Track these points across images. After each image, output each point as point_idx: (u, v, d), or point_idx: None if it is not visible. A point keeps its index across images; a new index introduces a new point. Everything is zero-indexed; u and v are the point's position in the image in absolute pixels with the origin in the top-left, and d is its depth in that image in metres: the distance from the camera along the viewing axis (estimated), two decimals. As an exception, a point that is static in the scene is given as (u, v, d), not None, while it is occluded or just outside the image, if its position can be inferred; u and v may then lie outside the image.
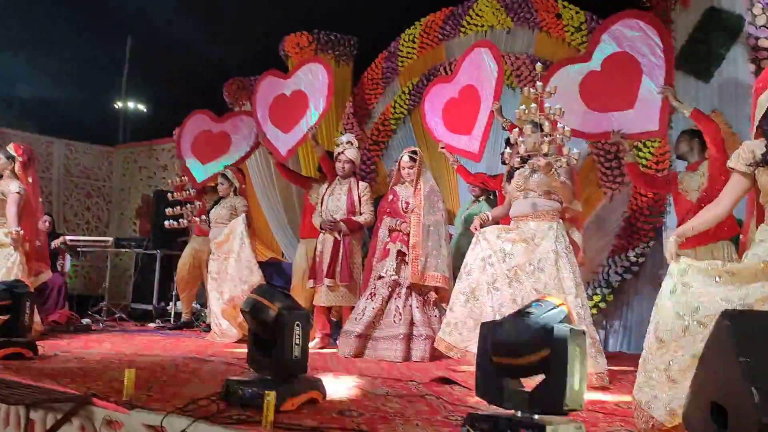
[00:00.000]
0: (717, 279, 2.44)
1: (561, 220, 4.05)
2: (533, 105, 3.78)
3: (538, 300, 2.30)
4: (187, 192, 6.49)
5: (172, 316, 7.20)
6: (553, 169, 3.75)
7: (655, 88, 4.61)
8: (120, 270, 9.27)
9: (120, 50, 11.66)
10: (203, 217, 6.18)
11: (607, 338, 6.05)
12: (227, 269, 5.52)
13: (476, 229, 4.12)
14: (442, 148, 5.48)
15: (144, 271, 7.83)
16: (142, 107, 12.62)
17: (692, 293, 2.45)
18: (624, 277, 5.89)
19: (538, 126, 3.79)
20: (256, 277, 5.35)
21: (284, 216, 7.79)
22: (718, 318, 1.98)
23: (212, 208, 6.17)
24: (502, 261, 3.94)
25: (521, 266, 3.88)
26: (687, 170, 4.63)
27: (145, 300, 7.72)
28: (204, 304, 6.69)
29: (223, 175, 6.17)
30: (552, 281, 3.78)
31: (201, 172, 6.68)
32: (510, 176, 4.23)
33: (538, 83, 3.87)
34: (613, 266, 5.88)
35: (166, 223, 6.34)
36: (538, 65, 4.22)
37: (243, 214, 5.75)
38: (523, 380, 3.11)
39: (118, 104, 12.37)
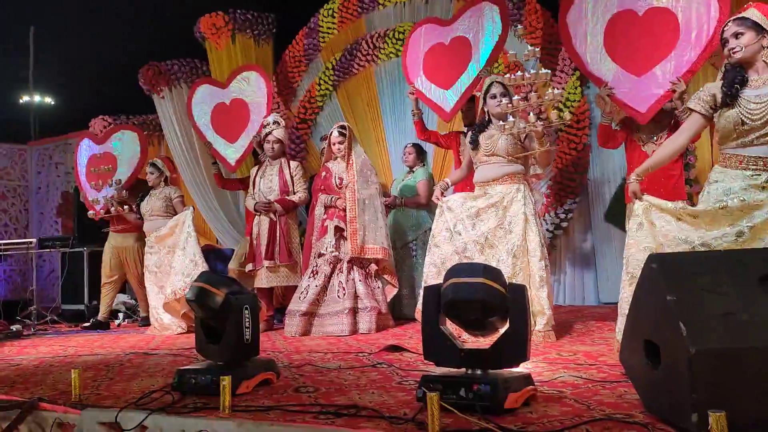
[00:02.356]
0: (678, 219, 2.63)
1: (526, 182, 4.04)
2: (518, 73, 3.67)
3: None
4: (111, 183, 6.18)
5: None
6: (545, 135, 3.73)
7: (670, 74, 4.05)
8: (46, 271, 8.93)
9: (23, 41, 11.02)
10: (127, 207, 5.89)
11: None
12: (171, 263, 5.32)
13: (438, 199, 4.10)
14: (412, 93, 5.28)
15: (71, 270, 7.56)
16: (50, 100, 12.02)
17: (657, 231, 2.62)
18: (555, 233, 6.14)
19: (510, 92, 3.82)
20: (200, 270, 5.24)
21: (215, 201, 7.66)
22: (646, 261, 2.10)
23: (141, 200, 5.86)
24: (471, 228, 3.92)
25: (492, 231, 3.89)
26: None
27: (75, 300, 7.47)
28: (136, 299, 6.51)
29: (153, 164, 5.89)
30: (519, 243, 3.83)
31: (99, 198, 6.33)
32: (474, 141, 4.12)
33: (532, 47, 3.72)
34: (544, 224, 6.09)
35: (90, 214, 6.09)
36: (519, 28, 4.02)
37: (191, 207, 5.56)
38: (472, 339, 3.25)
39: (25, 98, 11.75)
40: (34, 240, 7.81)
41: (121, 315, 6.71)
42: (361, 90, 7.32)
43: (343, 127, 5.06)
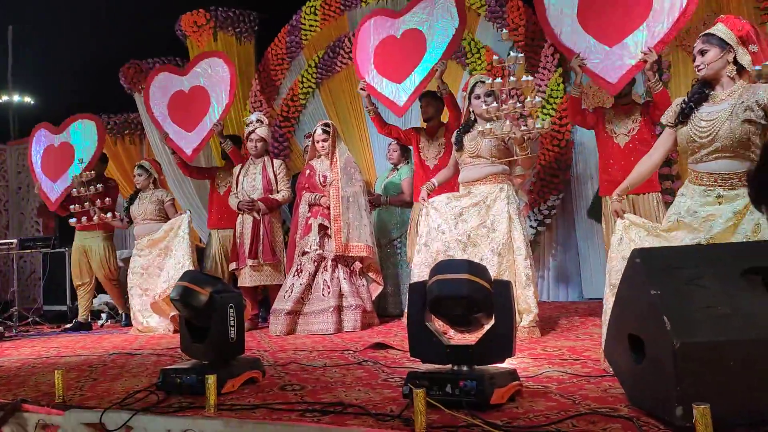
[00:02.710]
0: (648, 233, 2.77)
1: (510, 182, 4.06)
2: (498, 79, 3.58)
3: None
4: (93, 187, 6.06)
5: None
6: (525, 141, 3.70)
7: (642, 45, 4.06)
8: (27, 272, 8.81)
9: (1, 40, 10.85)
10: (110, 213, 5.75)
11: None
12: (160, 265, 5.27)
13: (424, 200, 4.11)
14: (362, 88, 5.18)
15: (53, 271, 7.47)
16: (29, 99, 11.83)
17: (636, 246, 2.70)
18: (538, 229, 6.18)
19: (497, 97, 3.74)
20: None
21: (197, 199, 7.61)
22: (630, 256, 2.12)
23: (131, 203, 5.76)
24: (454, 227, 3.94)
25: (475, 229, 3.90)
26: (616, 111, 4.47)
27: (57, 301, 7.38)
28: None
29: (141, 167, 5.78)
30: (504, 241, 3.84)
31: (54, 189, 6.28)
32: (458, 142, 4.13)
33: (518, 53, 3.69)
34: (528, 220, 6.13)
35: (72, 221, 5.99)
36: (504, 32, 4.06)
37: (188, 212, 5.47)
38: (457, 335, 3.28)
39: (4, 98, 11.56)
40: (14, 241, 7.70)
41: (104, 315, 6.63)
42: (344, 87, 7.31)
43: (326, 124, 5.04)
